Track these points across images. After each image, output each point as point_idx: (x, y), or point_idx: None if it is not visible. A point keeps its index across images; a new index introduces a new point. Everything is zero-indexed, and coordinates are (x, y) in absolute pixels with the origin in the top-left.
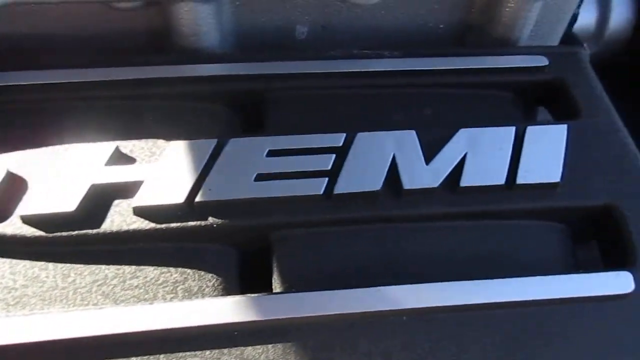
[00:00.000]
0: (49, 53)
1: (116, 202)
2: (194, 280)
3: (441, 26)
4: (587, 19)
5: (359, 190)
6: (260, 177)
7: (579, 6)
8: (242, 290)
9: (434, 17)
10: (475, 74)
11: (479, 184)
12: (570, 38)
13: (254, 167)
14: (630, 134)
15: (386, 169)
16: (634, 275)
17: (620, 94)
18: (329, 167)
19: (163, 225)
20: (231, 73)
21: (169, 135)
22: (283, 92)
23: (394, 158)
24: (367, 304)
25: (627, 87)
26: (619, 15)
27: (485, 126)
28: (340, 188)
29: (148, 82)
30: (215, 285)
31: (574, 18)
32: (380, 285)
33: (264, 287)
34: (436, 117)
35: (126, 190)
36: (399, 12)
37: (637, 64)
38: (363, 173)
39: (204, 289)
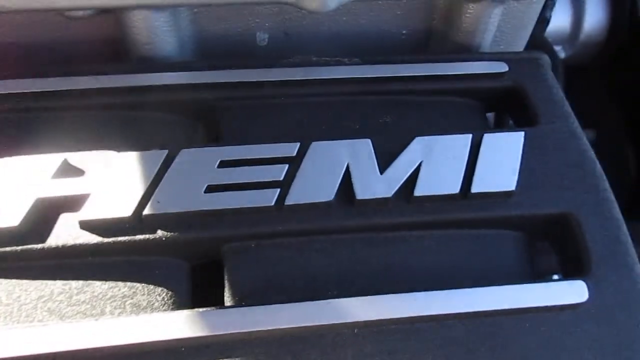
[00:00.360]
0: (1, 62)
1: (62, 215)
2: (142, 295)
3: (404, 32)
4: (561, 21)
5: (311, 201)
6: (211, 189)
7: (551, 10)
8: (193, 305)
9: (396, 23)
10: (435, 80)
11: (433, 193)
12: (541, 42)
13: (204, 178)
14: (609, 134)
15: (339, 179)
16: (588, 285)
17: (597, 95)
18: (282, 178)
19: (110, 239)
20: (186, 82)
21: (122, 146)
22: (239, 101)
23: (347, 167)
24: (318, 317)
25: (604, 89)
26: (593, 18)
27: (442, 134)
28: (292, 199)
29: (101, 91)
30: (165, 299)
31: (546, 22)
32: (332, 298)
33: (217, 301)
34: (394, 125)
35: (73, 203)
36: (361, 19)
37: (612, 66)
38: (316, 183)
39: (153, 304)
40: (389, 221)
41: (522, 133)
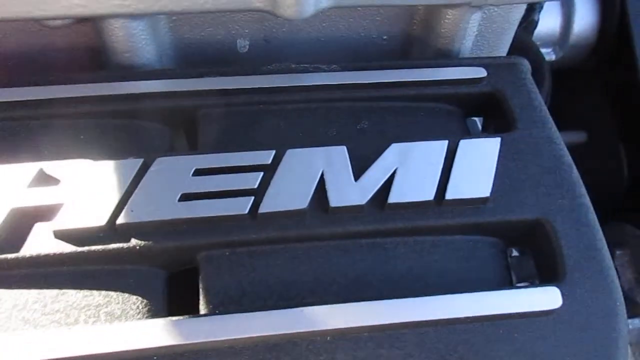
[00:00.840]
0: None
1: (37, 225)
2: (117, 304)
3: (384, 38)
4: (551, 24)
5: (284, 209)
6: (185, 197)
7: (538, 13)
8: (169, 313)
9: (376, 29)
10: (413, 86)
11: (407, 200)
12: (528, 45)
13: (179, 186)
14: (603, 135)
15: (314, 187)
16: (561, 291)
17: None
18: (256, 186)
19: (85, 248)
20: (165, 90)
21: (100, 154)
22: (217, 109)
23: (322, 175)
24: (292, 325)
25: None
26: (583, 20)
27: (419, 140)
28: (266, 207)
29: (80, 100)
30: (140, 308)
31: (534, 24)
32: (307, 305)
33: (192, 309)
34: (371, 131)
35: (47, 213)
36: (340, 25)
37: (605, 68)
38: (290, 191)
39: (127, 312)
40: (363, 228)
41: (499, 139)
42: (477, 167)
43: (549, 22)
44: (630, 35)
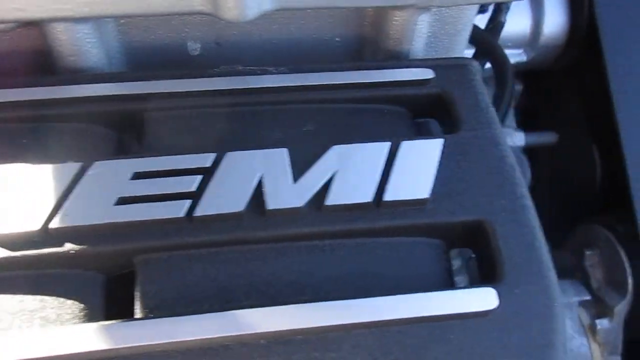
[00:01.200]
0: None
1: None
2: (52, 308)
3: (337, 40)
4: (521, 25)
5: (221, 212)
6: (122, 201)
7: (505, 14)
8: (107, 317)
9: (329, 30)
10: (360, 88)
11: (345, 202)
12: (492, 47)
13: (116, 190)
14: (576, 136)
15: (252, 190)
16: (498, 292)
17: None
18: (194, 189)
19: (19, 253)
20: (111, 93)
21: (42, 158)
22: (162, 112)
23: (261, 178)
24: (225, 329)
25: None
26: (552, 21)
27: (361, 142)
28: (203, 210)
29: (25, 104)
30: (76, 312)
31: (500, 26)
32: (243, 309)
33: (130, 313)
34: (316, 133)
35: None
36: (292, 27)
37: (576, 68)
38: (227, 194)
39: (63, 317)
40: (300, 231)
41: (441, 140)
42: (417, 168)
43: (519, 23)
44: (599, 37)
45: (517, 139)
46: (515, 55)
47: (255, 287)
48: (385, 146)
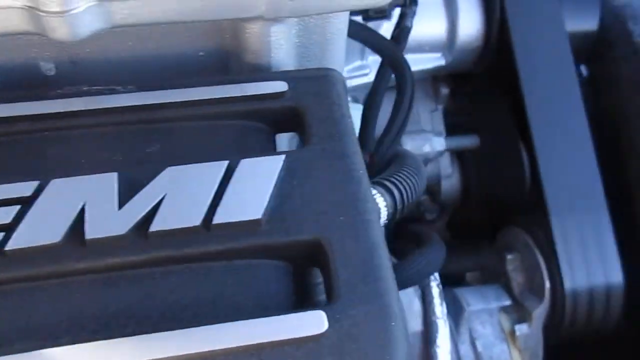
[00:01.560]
0: None
1: None
2: None
3: (201, 54)
4: (437, 29)
5: (36, 244)
6: None
7: (411, 19)
8: None
9: (189, 45)
10: (212, 104)
11: (172, 227)
12: (393, 55)
13: None
14: (502, 138)
15: (72, 219)
16: (330, 314)
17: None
18: (9, 221)
19: None
20: None
21: None
22: None
23: (83, 205)
24: None
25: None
26: (467, 24)
27: (198, 162)
28: (15, 243)
29: None
30: None
31: (406, 31)
32: (60, 346)
33: None
34: (157, 155)
35: None
36: (149, 43)
37: (497, 70)
38: (44, 225)
39: None
40: (123, 260)
41: (282, 157)
42: (252, 188)
43: (435, 27)
44: (510, 40)
45: (437, 144)
46: (433, 60)
47: (75, 323)
48: (223, 165)
